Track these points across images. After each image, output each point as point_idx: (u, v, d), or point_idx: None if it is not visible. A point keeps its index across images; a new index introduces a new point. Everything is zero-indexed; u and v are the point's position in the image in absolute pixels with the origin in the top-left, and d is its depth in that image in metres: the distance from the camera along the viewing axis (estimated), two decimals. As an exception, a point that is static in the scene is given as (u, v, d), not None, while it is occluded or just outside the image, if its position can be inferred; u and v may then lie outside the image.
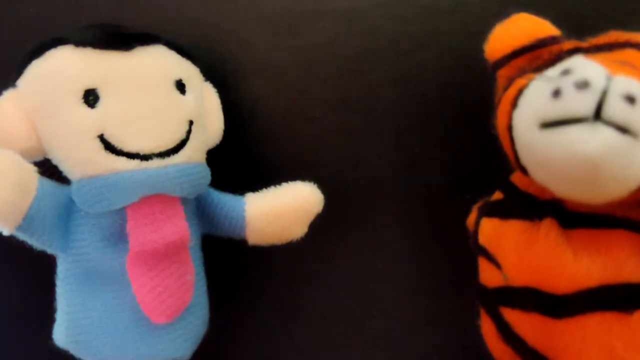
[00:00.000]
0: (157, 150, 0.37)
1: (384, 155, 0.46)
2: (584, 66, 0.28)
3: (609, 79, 0.26)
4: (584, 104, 0.26)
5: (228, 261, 0.48)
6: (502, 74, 0.35)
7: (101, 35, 0.37)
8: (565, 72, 0.28)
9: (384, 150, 0.46)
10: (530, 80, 0.30)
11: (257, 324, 0.50)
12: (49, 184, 0.37)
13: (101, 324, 0.37)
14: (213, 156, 0.42)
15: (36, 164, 0.36)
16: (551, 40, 0.34)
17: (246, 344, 0.50)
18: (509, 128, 0.31)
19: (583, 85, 0.26)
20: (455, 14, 0.42)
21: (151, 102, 0.37)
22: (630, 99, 0.26)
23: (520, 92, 0.30)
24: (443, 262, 0.38)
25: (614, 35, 0.33)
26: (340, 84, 0.45)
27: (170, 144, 0.37)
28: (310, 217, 0.43)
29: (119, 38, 0.37)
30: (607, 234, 0.30)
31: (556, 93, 0.27)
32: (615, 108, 0.26)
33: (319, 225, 0.43)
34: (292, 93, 0.46)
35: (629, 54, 0.31)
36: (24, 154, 0.36)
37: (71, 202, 0.37)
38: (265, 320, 0.50)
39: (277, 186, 0.43)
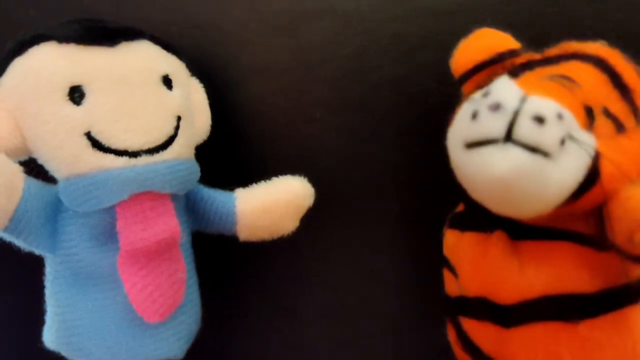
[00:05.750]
0: (145, 147, 0.36)
1: (383, 155, 0.45)
2: (500, 88, 0.28)
3: (522, 100, 0.27)
4: (496, 125, 0.27)
5: (220, 258, 0.48)
6: (466, 89, 0.36)
7: (84, 30, 0.36)
8: (486, 94, 0.29)
9: (383, 150, 0.45)
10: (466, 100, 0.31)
11: (251, 321, 0.50)
12: (36, 184, 0.36)
13: (93, 325, 0.36)
14: (213, 157, 0.42)
15: (21, 163, 0.36)
16: (509, 54, 0.34)
17: (240, 341, 0.50)
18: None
19: (495, 107, 0.27)
20: (455, 15, 0.42)
21: (138, 98, 0.36)
22: (540, 120, 0.26)
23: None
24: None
25: (565, 47, 0.34)
26: (340, 84, 0.45)
27: (159, 140, 0.37)
28: (301, 211, 0.42)
29: (102, 33, 0.37)
30: (552, 245, 0.31)
31: (474, 115, 0.28)
32: (524, 129, 0.26)
33: (317, 224, 0.43)
34: (292, 93, 0.46)
35: (573, 66, 0.32)
36: (9, 154, 0.35)
37: (59, 201, 0.37)
38: (259, 317, 0.49)
39: (268, 181, 0.42)
